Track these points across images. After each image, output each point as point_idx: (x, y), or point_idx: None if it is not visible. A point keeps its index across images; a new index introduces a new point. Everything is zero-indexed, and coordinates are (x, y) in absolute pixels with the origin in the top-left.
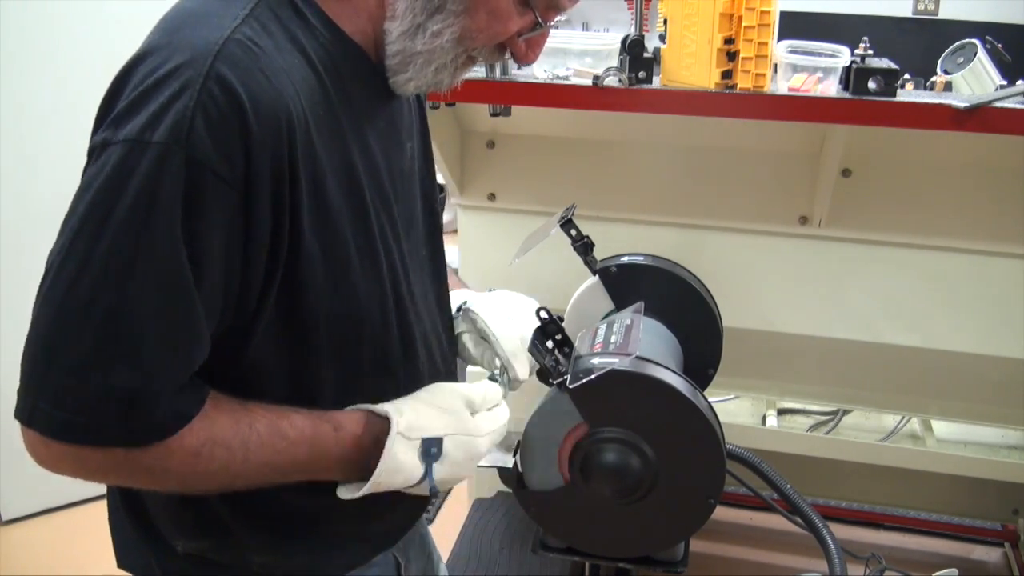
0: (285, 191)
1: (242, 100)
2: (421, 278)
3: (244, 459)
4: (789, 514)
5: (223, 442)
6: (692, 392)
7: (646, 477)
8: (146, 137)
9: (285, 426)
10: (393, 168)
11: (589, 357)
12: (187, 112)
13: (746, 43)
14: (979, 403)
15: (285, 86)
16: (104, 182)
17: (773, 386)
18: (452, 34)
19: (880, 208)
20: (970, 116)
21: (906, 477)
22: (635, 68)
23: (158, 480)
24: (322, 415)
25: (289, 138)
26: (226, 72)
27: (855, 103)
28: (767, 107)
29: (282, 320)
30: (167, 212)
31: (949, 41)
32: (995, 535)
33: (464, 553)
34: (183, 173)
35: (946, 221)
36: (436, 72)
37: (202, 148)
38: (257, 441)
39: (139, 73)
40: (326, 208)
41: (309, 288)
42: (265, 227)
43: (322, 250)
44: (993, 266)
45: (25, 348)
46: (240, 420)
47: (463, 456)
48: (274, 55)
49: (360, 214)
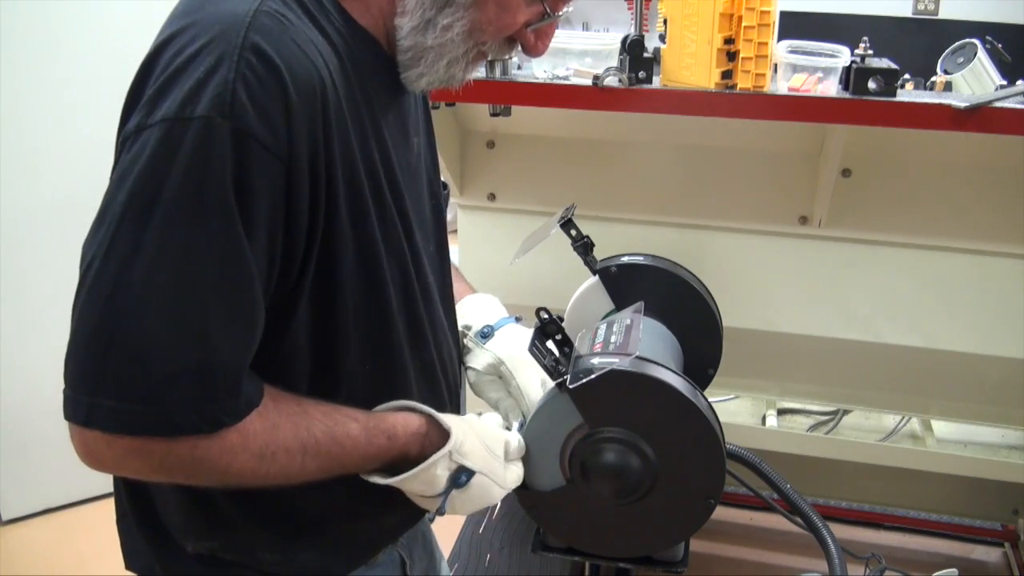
0: (321, 163)
1: (280, 69)
2: (433, 272)
3: (302, 465)
4: (789, 514)
5: (285, 447)
6: (692, 392)
7: (646, 477)
8: (187, 113)
9: (341, 435)
10: (402, 162)
11: (589, 357)
12: (228, 84)
13: (746, 43)
14: (979, 403)
15: (316, 57)
16: (146, 165)
17: (773, 386)
18: (462, 27)
19: (880, 208)
20: (970, 116)
21: (906, 477)
22: (635, 68)
23: (221, 477)
24: (378, 423)
25: (324, 109)
26: (261, 41)
27: (855, 103)
28: (767, 107)
29: (315, 301)
30: (219, 186)
31: (949, 41)
32: (995, 535)
33: (464, 553)
34: (231, 145)
35: (946, 221)
36: (448, 67)
37: (247, 119)
38: (315, 449)
39: (167, 54)
40: (357, 186)
41: (340, 269)
42: (305, 200)
43: (353, 230)
44: (993, 266)
45: (72, 346)
46: (300, 425)
47: (481, 496)
48: (301, 28)
49: (379, 201)
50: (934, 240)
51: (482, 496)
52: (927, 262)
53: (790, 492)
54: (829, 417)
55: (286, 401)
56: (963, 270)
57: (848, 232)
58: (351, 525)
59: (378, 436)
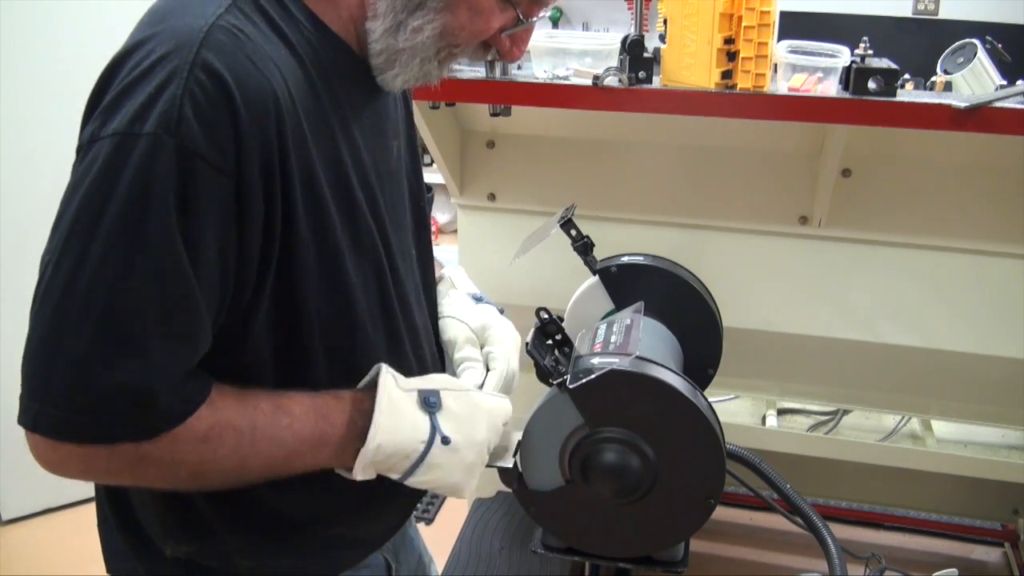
0: (276, 178)
1: (229, 86)
2: (411, 278)
3: (252, 439)
4: (789, 514)
5: (229, 424)
6: (692, 392)
7: (646, 477)
8: (135, 129)
9: (288, 403)
10: (380, 167)
11: (589, 357)
12: (175, 101)
13: (746, 43)
14: (979, 403)
15: (272, 72)
16: (95, 178)
17: (773, 386)
18: (433, 30)
19: (880, 208)
20: (970, 116)
21: (906, 477)
22: (635, 68)
23: (169, 473)
24: (320, 391)
25: (278, 123)
26: (212, 59)
27: (855, 103)
28: (767, 107)
29: (276, 314)
30: (161, 203)
31: (949, 41)
32: (995, 535)
33: (464, 553)
34: (175, 163)
35: (946, 221)
36: (421, 65)
37: (192, 137)
38: (263, 420)
39: (127, 65)
40: (318, 198)
41: (302, 282)
42: (258, 215)
43: (315, 243)
44: (993, 266)
45: (25, 352)
46: (245, 402)
47: (465, 410)
48: (260, 42)
49: (349, 210)
50: (934, 240)
51: (469, 409)
52: (927, 262)
53: (790, 492)
54: (829, 417)
55: (230, 387)
56: (963, 270)
57: (848, 232)
58: (330, 531)
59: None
